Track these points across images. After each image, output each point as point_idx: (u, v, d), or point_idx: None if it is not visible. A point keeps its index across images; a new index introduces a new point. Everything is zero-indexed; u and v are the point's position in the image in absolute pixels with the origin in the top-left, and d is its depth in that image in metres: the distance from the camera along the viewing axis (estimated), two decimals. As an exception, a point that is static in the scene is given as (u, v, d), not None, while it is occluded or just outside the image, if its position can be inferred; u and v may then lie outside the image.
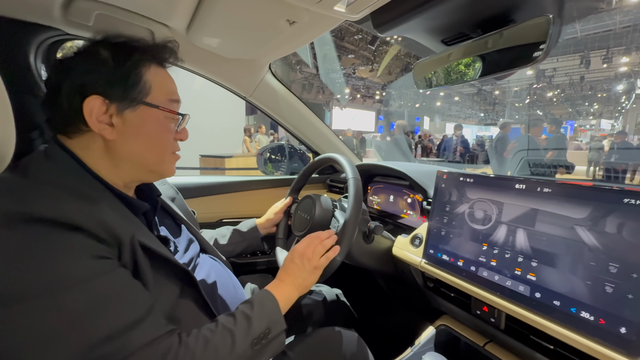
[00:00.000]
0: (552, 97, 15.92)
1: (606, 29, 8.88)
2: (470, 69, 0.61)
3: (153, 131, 0.54)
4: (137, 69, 0.52)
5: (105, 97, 0.49)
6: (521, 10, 0.51)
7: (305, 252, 0.68)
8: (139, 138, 0.53)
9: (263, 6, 0.65)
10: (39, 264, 0.38)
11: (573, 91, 14.84)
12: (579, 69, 11.76)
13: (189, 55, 0.97)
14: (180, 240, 0.70)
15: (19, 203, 0.40)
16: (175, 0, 0.70)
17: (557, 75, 12.87)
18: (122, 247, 0.45)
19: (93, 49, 0.52)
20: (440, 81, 0.70)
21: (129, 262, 0.46)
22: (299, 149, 1.62)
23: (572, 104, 18.20)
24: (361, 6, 0.57)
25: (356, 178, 0.78)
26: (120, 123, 0.51)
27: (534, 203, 0.62)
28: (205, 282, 0.67)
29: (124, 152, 0.53)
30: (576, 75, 12.79)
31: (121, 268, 0.44)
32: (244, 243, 0.95)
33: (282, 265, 0.70)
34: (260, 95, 1.19)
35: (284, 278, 0.66)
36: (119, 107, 0.51)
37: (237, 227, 0.97)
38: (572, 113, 19.72)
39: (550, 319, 0.55)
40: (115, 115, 0.50)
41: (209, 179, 1.29)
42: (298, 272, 0.67)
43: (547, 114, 18.93)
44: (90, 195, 0.47)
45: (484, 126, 22.47)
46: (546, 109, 18.80)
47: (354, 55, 11.31)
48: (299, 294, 0.66)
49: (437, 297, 0.84)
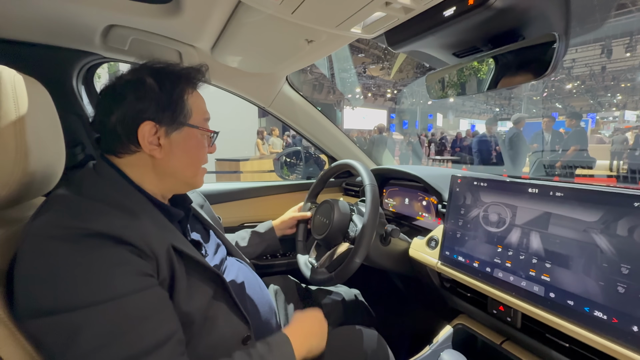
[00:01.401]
0: (572, 89, 15.35)
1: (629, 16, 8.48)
2: (480, 81, 0.64)
3: (193, 148, 0.61)
4: (182, 97, 0.58)
5: (155, 122, 0.55)
6: (530, 27, 0.54)
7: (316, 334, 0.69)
8: (182, 155, 0.59)
9: (284, 28, 0.70)
10: (88, 275, 0.42)
11: (594, 82, 14.26)
12: (600, 59, 11.30)
13: (213, 72, 1.04)
14: (209, 244, 0.76)
15: (77, 219, 0.45)
16: (204, 25, 0.76)
17: (577, 66, 12.40)
18: (160, 259, 0.50)
19: (139, 76, 0.57)
20: (451, 92, 0.73)
21: (166, 271, 0.51)
22: (314, 153, 1.66)
23: (593, 96, 17.46)
24: (376, 28, 0.61)
25: (373, 184, 0.82)
26: (167, 143, 0.57)
27: (547, 207, 0.64)
28: (234, 283, 0.72)
29: (168, 168, 0.59)
30: (597, 66, 12.29)
31: (157, 287, 0.48)
32: (263, 244, 1.01)
33: (300, 317, 0.71)
34: (279, 105, 1.25)
35: (301, 333, 0.66)
36: (167, 130, 0.57)
37: (255, 229, 1.02)
38: (593, 105, 18.92)
39: (565, 318, 0.57)
40: (163, 137, 0.57)
41: (231, 185, 1.37)
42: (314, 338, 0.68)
43: (567, 106, 18.25)
44: (134, 210, 0.52)
45: (499, 121, 21.89)
46: (565, 101, 18.13)
47: (364, 54, 11.31)
48: (307, 352, 0.64)
49: (454, 297, 0.86)
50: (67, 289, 0.41)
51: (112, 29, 0.80)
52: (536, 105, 16.82)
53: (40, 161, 0.52)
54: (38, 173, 0.52)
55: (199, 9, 0.70)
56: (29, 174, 0.49)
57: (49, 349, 0.42)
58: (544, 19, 0.51)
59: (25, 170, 0.48)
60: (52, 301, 0.41)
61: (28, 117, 0.48)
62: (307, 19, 0.62)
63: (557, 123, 6.10)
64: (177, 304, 0.52)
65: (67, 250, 0.43)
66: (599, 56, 10.79)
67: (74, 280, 0.42)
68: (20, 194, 0.51)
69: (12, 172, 0.47)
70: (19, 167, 0.47)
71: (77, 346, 0.40)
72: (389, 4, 0.52)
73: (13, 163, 0.46)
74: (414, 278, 1.01)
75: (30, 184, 0.51)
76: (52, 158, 0.57)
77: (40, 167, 0.52)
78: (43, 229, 0.44)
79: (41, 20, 0.74)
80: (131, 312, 0.44)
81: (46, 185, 0.57)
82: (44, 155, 0.53)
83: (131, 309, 0.44)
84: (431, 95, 0.80)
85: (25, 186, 0.50)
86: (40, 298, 0.41)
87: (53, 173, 0.58)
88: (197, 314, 0.55)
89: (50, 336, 0.41)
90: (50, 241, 0.43)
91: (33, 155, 0.49)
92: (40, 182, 0.55)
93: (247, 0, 0.58)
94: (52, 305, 0.41)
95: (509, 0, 0.46)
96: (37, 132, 0.50)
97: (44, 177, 0.55)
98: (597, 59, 11.30)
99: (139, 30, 0.81)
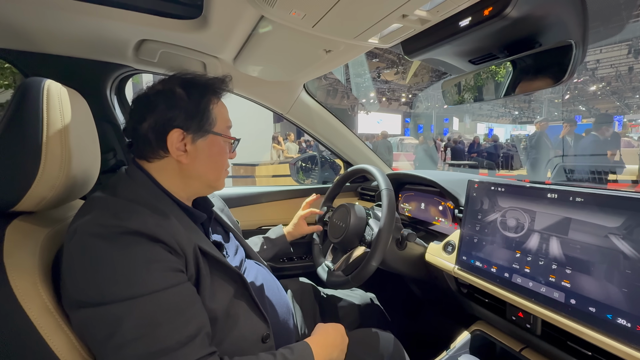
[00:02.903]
0: (596, 90, 14.72)
1: (657, 14, 8.09)
2: (497, 88, 0.65)
3: (216, 154, 0.64)
4: (209, 106, 0.62)
5: (183, 129, 0.59)
6: (546, 34, 0.54)
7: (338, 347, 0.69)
8: (206, 161, 0.63)
9: (304, 39, 0.74)
10: (122, 272, 0.45)
11: (620, 83, 13.62)
12: (626, 60, 10.81)
13: (234, 81, 1.08)
14: (229, 246, 0.79)
15: (114, 218, 0.49)
16: (228, 38, 0.81)
17: (601, 67, 11.91)
18: (188, 257, 0.54)
19: (170, 86, 0.62)
20: (467, 98, 0.74)
21: (193, 268, 0.55)
22: (329, 158, 1.69)
23: (619, 97, 16.67)
24: (393, 38, 0.63)
25: (389, 189, 0.84)
26: (193, 149, 0.61)
27: (567, 212, 0.64)
28: (254, 284, 0.75)
29: (193, 172, 0.63)
30: (624, 67, 11.75)
31: (188, 282, 0.51)
32: (275, 249, 1.04)
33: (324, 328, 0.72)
34: (296, 112, 1.29)
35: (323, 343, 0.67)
36: (194, 137, 0.61)
37: (267, 234, 1.05)
38: (620, 107, 18.05)
39: (587, 325, 0.57)
40: (189, 144, 0.60)
41: (249, 189, 1.41)
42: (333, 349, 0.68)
43: (591, 109, 17.51)
44: (164, 210, 0.56)
45: (518, 124, 21.25)
46: (589, 104, 17.39)
47: (378, 59, 11.32)
48: None
49: (472, 302, 0.86)
50: (108, 283, 0.45)
51: (144, 43, 0.87)
52: (558, 108, 16.22)
53: (81, 166, 0.57)
54: (78, 177, 0.57)
55: (225, 24, 0.75)
56: (71, 177, 0.54)
57: (93, 338, 0.46)
58: (561, 26, 0.52)
59: (69, 174, 0.53)
60: (95, 294, 0.45)
61: (71, 125, 0.53)
62: (326, 32, 0.65)
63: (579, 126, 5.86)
64: (202, 300, 0.54)
65: (108, 247, 0.47)
66: (625, 56, 10.32)
67: (114, 275, 0.46)
68: (63, 195, 0.56)
69: (57, 176, 0.52)
70: (64, 171, 0.52)
71: (117, 336, 0.44)
72: (405, 16, 0.54)
73: (59, 168, 0.51)
74: (430, 283, 1.01)
75: (72, 186, 0.56)
76: (90, 163, 0.62)
77: (80, 171, 0.57)
78: (87, 227, 0.48)
79: (82, 36, 0.81)
80: (167, 306, 0.47)
81: (84, 188, 0.62)
82: (83, 161, 0.58)
83: (166, 302, 0.47)
84: (447, 101, 0.81)
85: (67, 189, 0.55)
86: (85, 290, 0.46)
87: (90, 177, 0.63)
88: (220, 311, 0.58)
89: (93, 326, 0.45)
90: (94, 238, 0.47)
91: (75, 161, 0.54)
92: (80, 186, 0.60)
93: (270, 15, 0.62)
94: (95, 297, 0.45)
95: (524, 9, 0.48)
96: (78, 139, 0.56)
97: (83, 181, 0.60)
98: (624, 59, 10.82)
99: (168, 43, 0.87)
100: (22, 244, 0.48)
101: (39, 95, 0.50)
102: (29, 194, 0.49)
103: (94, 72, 0.95)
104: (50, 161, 0.50)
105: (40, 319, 0.44)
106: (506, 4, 0.47)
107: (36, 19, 0.73)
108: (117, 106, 1.05)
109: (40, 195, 0.51)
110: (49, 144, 0.49)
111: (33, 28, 0.76)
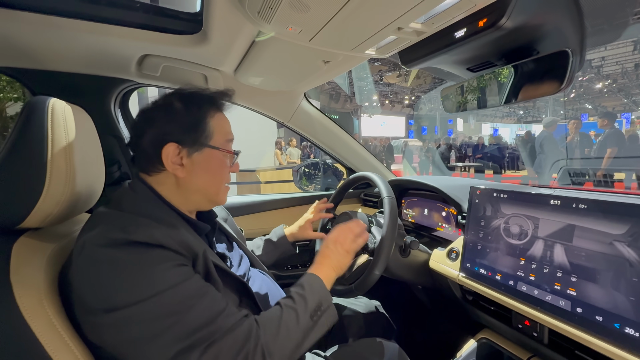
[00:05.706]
0: (602, 88, 14.54)
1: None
2: (495, 95, 0.65)
3: (214, 168, 0.65)
4: (205, 119, 0.62)
5: (179, 143, 0.60)
6: (544, 42, 0.54)
7: (338, 239, 0.77)
8: (204, 175, 0.63)
9: (303, 52, 0.75)
10: (140, 275, 0.48)
11: (627, 80, 13.43)
12: (632, 56, 10.68)
13: (236, 93, 1.10)
14: (233, 255, 0.80)
15: (122, 231, 0.50)
16: (228, 51, 0.82)
17: (607, 64, 11.77)
18: (197, 260, 0.55)
19: (169, 101, 0.63)
20: (466, 105, 0.74)
21: (201, 271, 0.56)
22: (331, 164, 1.69)
23: (626, 95, 16.43)
24: (390, 49, 0.64)
25: (391, 197, 0.84)
26: (189, 163, 0.61)
27: (571, 219, 0.63)
28: (258, 293, 0.75)
29: (192, 186, 0.63)
30: (630, 63, 11.60)
31: (197, 274, 0.54)
32: (278, 251, 1.03)
33: (319, 251, 0.77)
34: (298, 120, 1.30)
35: (322, 261, 0.73)
36: (189, 151, 0.61)
37: (268, 236, 1.05)
38: (627, 104, 17.78)
39: (594, 334, 0.56)
40: (185, 157, 0.61)
41: (252, 197, 1.42)
42: (333, 255, 0.74)
43: (597, 106, 17.27)
44: (170, 222, 0.57)
45: (524, 124, 21.04)
46: (596, 101, 17.16)
47: (380, 62, 11.34)
48: (336, 274, 0.73)
49: (477, 310, 0.85)
50: (130, 285, 0.47)
51: (146, 58, 0.88)
52: (563, 107, 16.03)
53: (85, 181, 0.58)
54: (83, 192, 0.58)
55: (224, 38, 0.76)
56: (76, 192, 0.55)
57: (126, 339, 0.47)
58: (557, 35, 0.52)
59: (74, 190, 0.54)
60: (121, 298, 0.47)
61: (75, 142, 0.55)
62: (323, 45, 0.66)
63: (585, 125, 5.78)
64: None
65: (120, 253, 0.48)
66: (631, 53, 10.20)
67: (134, 278, 0.47)
68: (68, 210, 0.57)
69: (63, 192, 0.53)
70: (69, 187, 0.53)
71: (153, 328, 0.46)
72: (401, 28, 0.54)
73: (64, 184, 0.52)
74: (435, 290, 1.00)
75: (77, 201, 0.58)
76: (94, 178, 0.63)
77: (85, 186, 0.58)
78: (95, 240, 0.49)
79: (85, 53, 0.83)
80: (190, 292, 0.50)
81: (89, 202, 0.64)
82: (88, 176, 0.59)
83: (189, 290, 0.50)
84: (446, 108, 0.81)
85: (72, 204, 0.56)
86: (110, 296, 0.47)
87: (95, 191, 0.64)
88: None
89: (127, 326, 0.46)
90: (104, 248, 0.48)
91: (79, 176, 0.55)
92: (85, 200, 0.61)
93: (268, 30, 0.63)
94: (122, 300, 0.46)
95: (519, 20, 0.48)
96: (82, 155, 0.57)
97: (88, 196, 0.61)
98: (630, 55, 10.69)
99: (169, 58, 0.89)
100: (28, 260, 0.49)
101: (44, 115, 0.51)
102: (35, 211, 0.50)
103: (98, 87, 0.97)
104: (56, 178, 0.51)
105: (46, 336, 0.45)
106: (501, 15, 0.48)
107: (41, 39, 0.75)
108: (121, 119, 1.07)
109: (46, 212, 0.52)
110: (53, 162, 0.51)
111: (38, 47, 0.79)
